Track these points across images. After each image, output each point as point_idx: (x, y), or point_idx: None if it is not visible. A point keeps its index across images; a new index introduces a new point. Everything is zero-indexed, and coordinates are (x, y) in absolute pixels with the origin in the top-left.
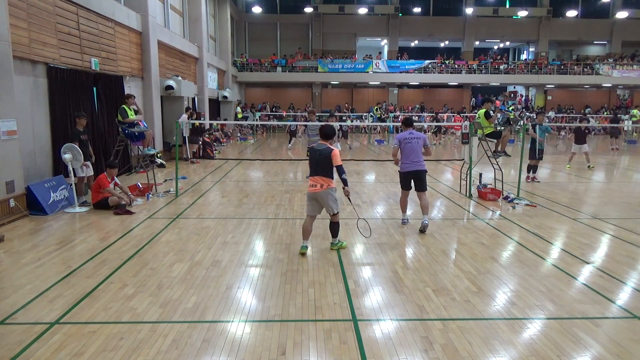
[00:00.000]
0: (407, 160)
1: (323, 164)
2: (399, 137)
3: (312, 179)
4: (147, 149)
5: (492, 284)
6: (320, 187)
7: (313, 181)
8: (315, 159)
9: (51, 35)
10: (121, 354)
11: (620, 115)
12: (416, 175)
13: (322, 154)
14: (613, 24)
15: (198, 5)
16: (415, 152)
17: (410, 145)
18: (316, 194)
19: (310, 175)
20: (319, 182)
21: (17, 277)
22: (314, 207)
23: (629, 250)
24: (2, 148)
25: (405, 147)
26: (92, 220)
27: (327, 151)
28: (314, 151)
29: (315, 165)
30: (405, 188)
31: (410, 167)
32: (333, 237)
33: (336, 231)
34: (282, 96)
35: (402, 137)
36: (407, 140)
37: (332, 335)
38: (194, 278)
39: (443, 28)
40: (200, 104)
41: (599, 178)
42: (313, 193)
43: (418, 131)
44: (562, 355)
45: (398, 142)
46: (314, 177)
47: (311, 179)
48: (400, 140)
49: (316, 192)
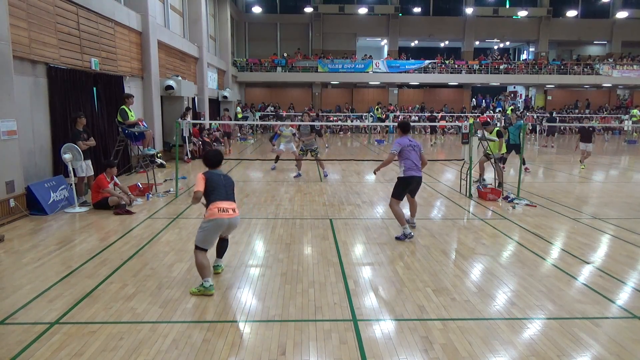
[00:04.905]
0: (411, 166)
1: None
2: (402, 143)
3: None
4: (147, 149)
5: (492, 284)
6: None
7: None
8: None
9: (51, 35)
10: (121, 354)
11: (620, 116)
12: (417, 182)
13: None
14: (613, 24)
15: (198, 5)
16: (418, 159)
17: (414, 151)
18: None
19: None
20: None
21: (17, 277)
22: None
23: (629, 250)
24: (2, 148)
25: (409, 153)
26: (92, 220)
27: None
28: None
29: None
30: (400, 197)
31: (416, 172)
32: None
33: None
34: (282, 96)
35: (404, 142)
36: (410, 147)
37: (332, 335)
38: (194, 278)
39: (443, 28)
40: (200, 104)
41: (599, 178)
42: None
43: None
44: (562, 355)
45: (400, 148)
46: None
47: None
48: (403, 146)
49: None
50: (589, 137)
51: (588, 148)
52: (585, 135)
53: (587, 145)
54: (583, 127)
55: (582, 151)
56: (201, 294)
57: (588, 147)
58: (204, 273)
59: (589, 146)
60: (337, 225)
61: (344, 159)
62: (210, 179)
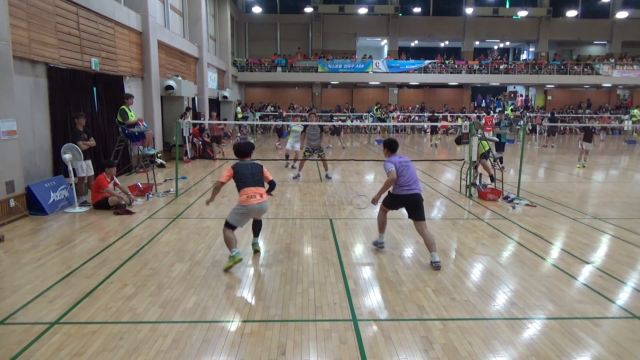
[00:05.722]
0: (406, 183)
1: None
2: (394, 161)
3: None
4: (147, 149)
5: (492, 284)
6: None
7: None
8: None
9: (51, 35)
10: (121, 354)
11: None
12: (414, 201)
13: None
14: (613, 24)
15: (198, 5)
16: (414, 177)
17: (408, 169)
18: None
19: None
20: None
21: (17, 277)
22: None
23: (629, 250)
24: (2, 148)
25: (404, 171)
26: (92, 220)
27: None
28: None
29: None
30: (389, 207)
31: (410, 190)
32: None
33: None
34: (282, 96)
35: (396, 160)
36: (402, 164)
37: (332, 335)
38: (194, 278)
39: (443, 28)
40: (200, 104)
41: (599, 178)
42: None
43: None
44: (562, 355)
45: (394, 167)
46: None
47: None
48: (396, 165)
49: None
50: (590, 136)
51: (587, 147)
52: (588, 135)
53: (586, 145)
54: (586, 127)
55: (581, 150)
56: (233, 264)
57: (588, 147)
58: (230, 245)
59: (589, 145)
60: (337, 225)
61: (344, 159)
62: (237, 169)
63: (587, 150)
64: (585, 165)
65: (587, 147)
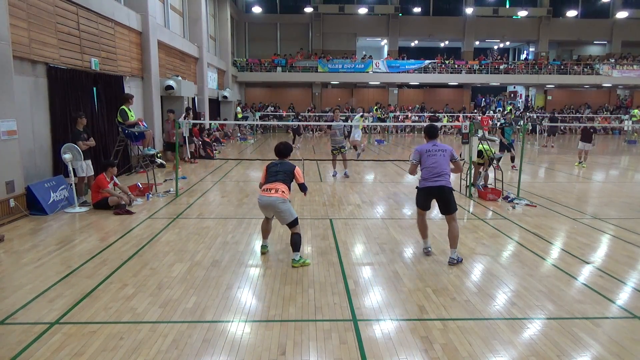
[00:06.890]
0: (428, 175)
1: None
2: (420, 149)
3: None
4: (147, 149)
5: (492, 284)
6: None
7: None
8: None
9: (51, 35)
10: (121, 354)
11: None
12: (439, 193)
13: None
14: (613, 24)
15: (198, 5)
16: (441, 166)
17: (434, 158)
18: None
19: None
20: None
21: (17, 277)
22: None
23: (629, 250)
24: (2, 148)
25: (427, 160)
26: (92, 220)
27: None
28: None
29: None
30: (422, 207)
31: (432, 182)
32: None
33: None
34: (282, 96)
35: (423, 148)
36: (430, 152)
37: (332, 335)
38: (194, 278)
39: (443, 28)
40: (200, 104)
41: (599, 178)
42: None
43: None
44: (562, 355)
45: (418, 156)
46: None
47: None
48: (421, 153)
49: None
50: (589, 137)
51: (586, 147)
52: (586, 135)
53: (585, 145)
54: (585, 127)
55: (580, 150)
56: (262, 252)
57: (587, 147)
58: (262, 235)
59: (587, 145)
60: (337, 225)
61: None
62: (268, 168)
63: (586, 150)
64: (584, 165)
65: (585, 147)
